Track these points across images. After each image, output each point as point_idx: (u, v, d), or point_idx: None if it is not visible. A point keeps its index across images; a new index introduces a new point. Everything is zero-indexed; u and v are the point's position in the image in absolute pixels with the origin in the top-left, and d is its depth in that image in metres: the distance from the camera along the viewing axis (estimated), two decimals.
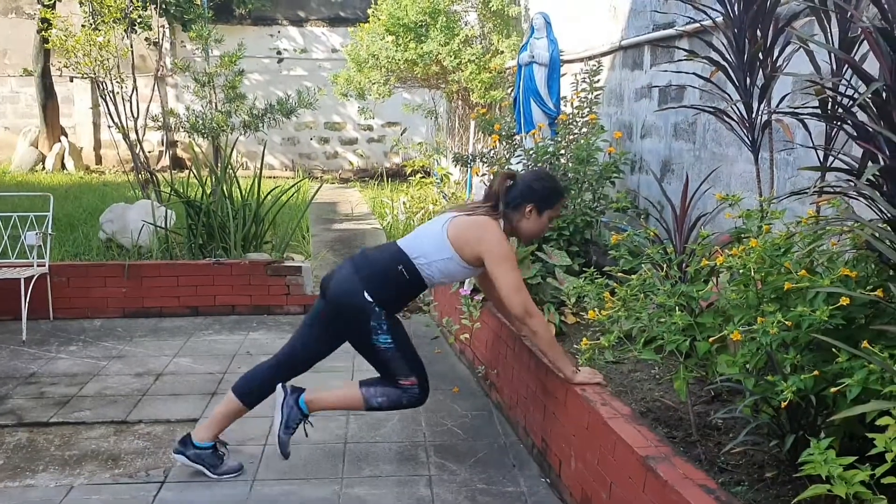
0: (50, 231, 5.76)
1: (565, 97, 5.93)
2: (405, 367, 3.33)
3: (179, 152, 14.80)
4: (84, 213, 8.31)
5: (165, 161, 13.60)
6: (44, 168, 13.74)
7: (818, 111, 2.98)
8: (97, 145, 14.80)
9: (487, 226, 3.26)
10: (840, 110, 2.78)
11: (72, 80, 14.00)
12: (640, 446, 2.63)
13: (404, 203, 8.55)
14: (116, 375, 4.70)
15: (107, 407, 4.22)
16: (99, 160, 14.80)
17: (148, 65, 12.09)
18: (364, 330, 3.26)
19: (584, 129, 5.45)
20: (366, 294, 3.23)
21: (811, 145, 3.20)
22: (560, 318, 4.39)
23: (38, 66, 13.52)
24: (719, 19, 3.52)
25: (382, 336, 3.25)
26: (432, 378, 4.67)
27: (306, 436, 3.43)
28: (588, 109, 5.49)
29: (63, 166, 13.95)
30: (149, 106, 7.75)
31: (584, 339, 2.98)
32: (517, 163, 5.56)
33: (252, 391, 3.43)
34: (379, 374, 3.41)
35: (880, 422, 2.04)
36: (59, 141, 14.10)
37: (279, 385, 3.36)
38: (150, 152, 13.70)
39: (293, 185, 7.17)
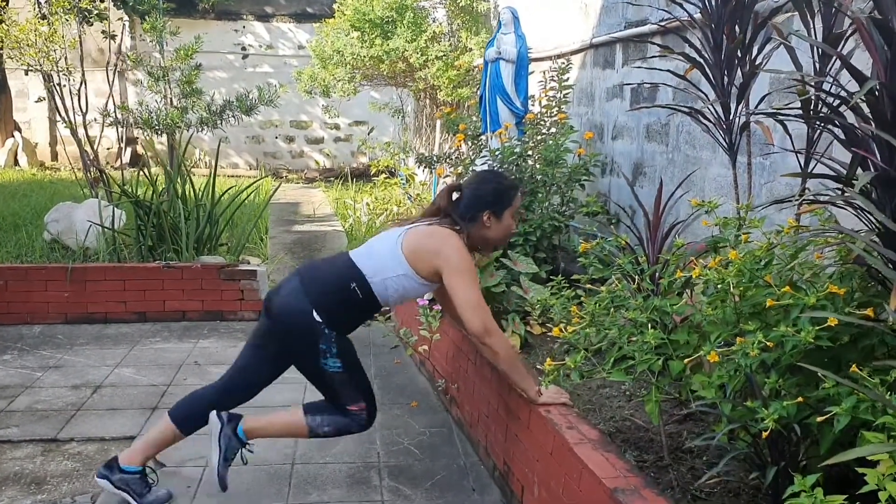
0: None
1: (533, 96, 5.71)
2: (354, 392, 3.05)
3: (140, 149, 14.38)
4: (31, 212, 7.92)
5: (126, 158, 13.19)
6: None
7: (801, 112, 2.78)
8: (53, 141, 14.31)
9: (446, 236, 2.98)
10: (825, 111, 2.57)
11: (27, 73, 13.49)
12: (608, 476, 2.40)
13: (368, 204, 8.27)
14: (51, 388, 4.38)
15: (37, 423, 3.91)
16: (55, 156, 14.32)
17: (108, 58, 11.64)
18: (312, 352, 2.97)
19: (553, 130, 5.23)
20: (315, 314, 2.93)
21: (791, 149, 3.00)
22: (525, 329, 4.17)
23: None
24: (697, 15, 3.31)
25: (332, 359, 2.96)
26: (390, 391, 4.45)
27: (244, 462, 3.13)
28: (557, 109, 5.27)
29: (16, 162, 13.47)
30: (107, 101, 7.38)
31: (549, 360, 2.74)
32: (482, 164, 5.32)
33: (190, 417, 3.12)
34: (324, 399, 3.13)
35: (871, 456, 1.83)
36: (12, 136, 13.61)
37: (213, 415, 3.04)
38: (108, 149, 13.31)
39: (250, 185, 6.86)
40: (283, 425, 3.12)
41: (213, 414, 3.05)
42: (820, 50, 2.75)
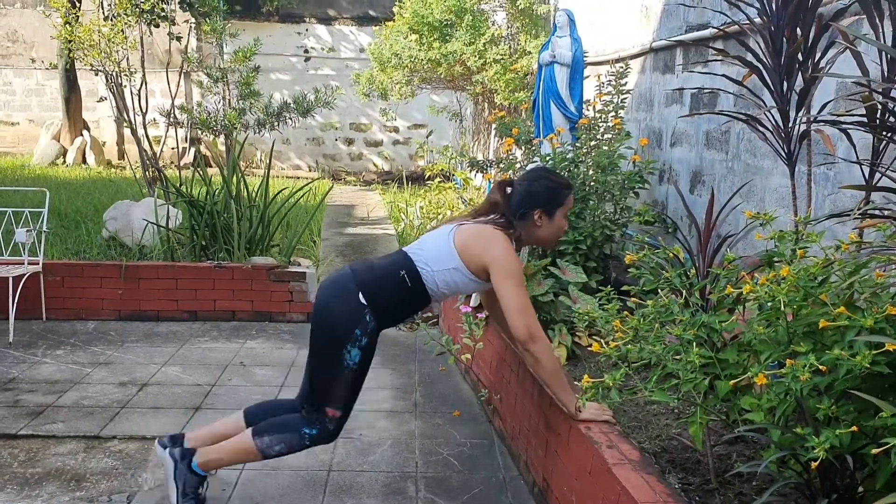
0: (45, 228, 5.52)
1: (588, 100, 5.57)
2: (344, 396, 2.90)
3: (204, 150, 14.64)
4: (92, 209, 8.10)
5: (190, 158, 13.43)
6: (64, 162, 13.62)
7: (865, 120, 2.61)
8: (120, 140, 14.65)
9: (495, 236, 2.92)
10: (892, 120, 2.41)
11: (97, 74, 13.88)
12: (647, 501, 2.29)
13: (421, 208, 8.23)
14: (99, 384, 4.43)
15: (82, 419, 3.95)
16: (121, 155, 14.65)
17: (175, 60, 11.88)
18: (341, 336, 2.83)
19: (608, 135, 5.09)
20: (361, 296, 2.85)
21: (855, 160, 2.83)
22: (573, 340, 4.05)
23: (62, 60, 13.40)
24: (758, 19, 3.15)
25: (355, 351, 2.84)
26: (433, 399, 4.38)
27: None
28: (613, 114, 5.13)
29: (84, 160, 13.82)
30: (173, 101, 7.49)
31: (586, 376, 2.62)
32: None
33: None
34: (301, 396, 3.00)
35: None
36: (81, 135, 13.98)
37: (164, 452, 2.98)
38: (172, 149, 13.55)
39: (303, 186, 6.86)
40: (234, 451, 2.98)
41: (163, 451, 2.99)
42: (888, 55, 2.59)
